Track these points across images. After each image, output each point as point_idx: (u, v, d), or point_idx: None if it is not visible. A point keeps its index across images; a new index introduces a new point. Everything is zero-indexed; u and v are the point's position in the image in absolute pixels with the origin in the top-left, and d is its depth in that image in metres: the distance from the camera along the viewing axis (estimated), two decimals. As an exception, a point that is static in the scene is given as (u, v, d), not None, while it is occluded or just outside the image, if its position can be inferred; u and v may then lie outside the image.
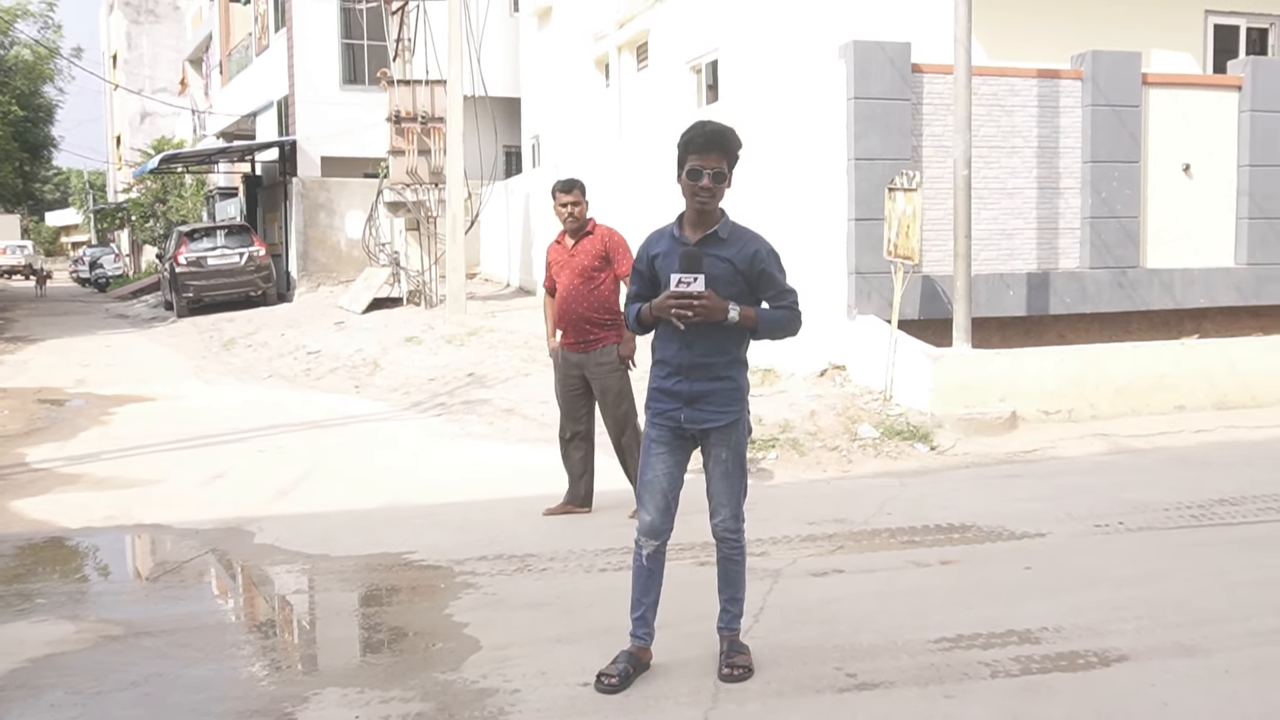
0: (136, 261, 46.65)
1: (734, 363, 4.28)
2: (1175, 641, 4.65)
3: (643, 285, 4.36)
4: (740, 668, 4.34)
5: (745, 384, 4.35)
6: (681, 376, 4.24)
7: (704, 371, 4.22)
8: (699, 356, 4.21)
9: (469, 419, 10.90)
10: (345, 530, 6.87)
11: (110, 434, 10.60)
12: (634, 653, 4.37)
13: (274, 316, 20.79)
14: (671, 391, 4.26)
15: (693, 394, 4.23)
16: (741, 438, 4.33)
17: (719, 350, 4.23)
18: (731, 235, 4.26)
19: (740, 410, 4.31)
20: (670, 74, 15.36)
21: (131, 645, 4.87)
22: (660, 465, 4.30)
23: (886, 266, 10.04)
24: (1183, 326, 11.66)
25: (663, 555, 4.38)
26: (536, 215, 19.99)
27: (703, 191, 4.16)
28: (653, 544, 4.34)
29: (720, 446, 4.28)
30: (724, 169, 4.17)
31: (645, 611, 4.38)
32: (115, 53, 50.01)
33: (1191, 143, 11.38)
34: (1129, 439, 9.07)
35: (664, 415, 4.29)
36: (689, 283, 4.05)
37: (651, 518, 4.32)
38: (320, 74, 24.59)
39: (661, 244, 4.32)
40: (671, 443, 4.31)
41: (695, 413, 4.24)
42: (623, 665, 4.31)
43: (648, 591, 4.38)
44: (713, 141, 4.16)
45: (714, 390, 4.24)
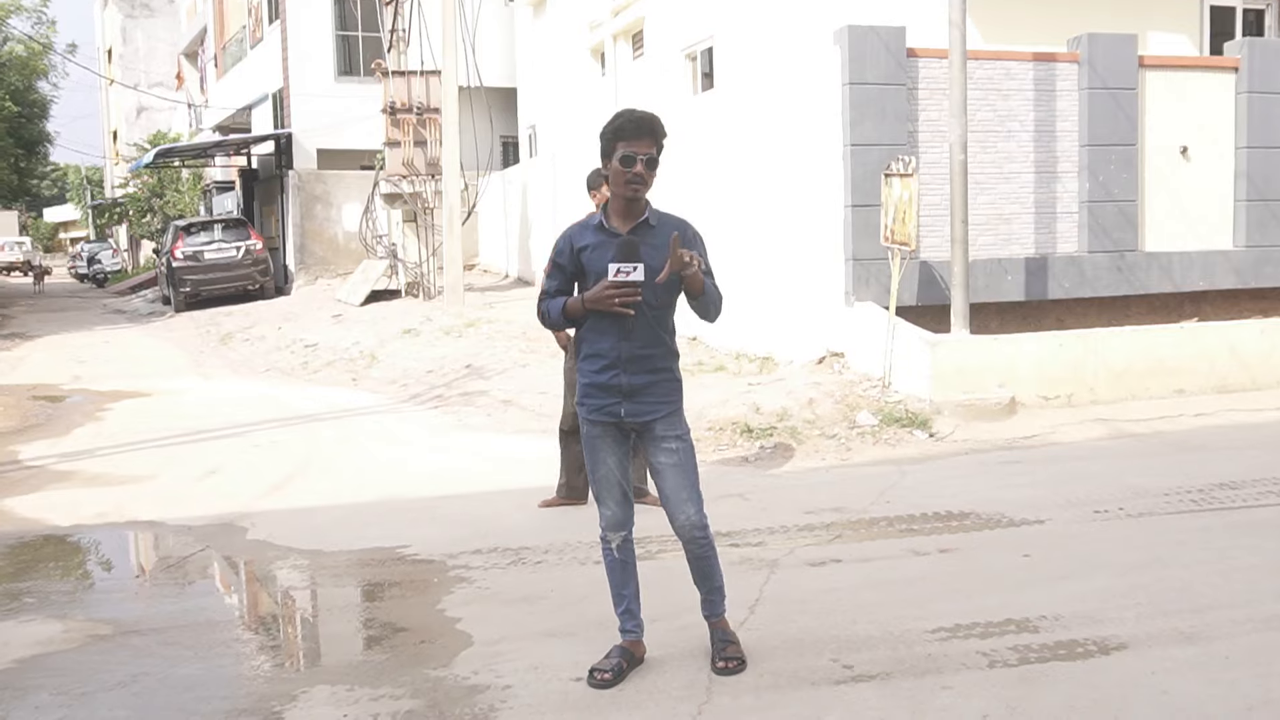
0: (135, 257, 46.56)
1: (669, 353, 4.24)
2: (1175, 628, 4.60)
3: (564, 280, 4.25)
4: (734, 659, 4.29)
5: (681, 377, 4.32)
6: (619, 369, 4.15)
7: (643, 364, 4.16)
8: (638, 348, 4.14)
9: (466, 410, 10.85)
10: (339, 525, 6.81)
11: (105, 430, 10.55)
12: (627, 647, 4.33)
13: (271, 310, 20.74)
14: (608, 386, 4.18)
15: (632, 387, 4.16)
16: (686, 426, 4.29)
17: (657, 341, 4.18)
18: (660, 223, 4.19)
19: (680, 400, 4.27)
20: (666, 62, 15.27)
21: (120, 644, 4.82)
22: (610, 459, 4.25)
23: (884, 253, 9.97)
24: (1182, 310, 11.59)
25: (632, 545, 4.35)
26: (534, 206, 19.92)
27: (636, 179, 4.08)
28: (619, 535, 4.30)
29: (668, 437, 4.20)
30: (654, 154, 4.11)
31: (629, 604, 4.34)
32: (110, 47, 49.82)
33: (1189, 125, 11.29)
34: (1128, 423, 9.00)
35: (602, 411, 4.21)
36: (629, 272, 4.01)
37: (612, 511, 4.28)
38: (315, 66, 24.47)
39: (588, 236, 4.21)
40: (615, 436, 4.25)
41: (636, 406, 4.17)
42: (616, 660, 4.25)
43: (626, 584, 4.33)
44: (643, 127, 4.09)
45: (654, 382, 4.19)
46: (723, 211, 12.34)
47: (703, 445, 8.65)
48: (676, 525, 4.26)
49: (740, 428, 8.82)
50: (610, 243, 4.12)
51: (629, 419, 4.19)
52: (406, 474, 8.25)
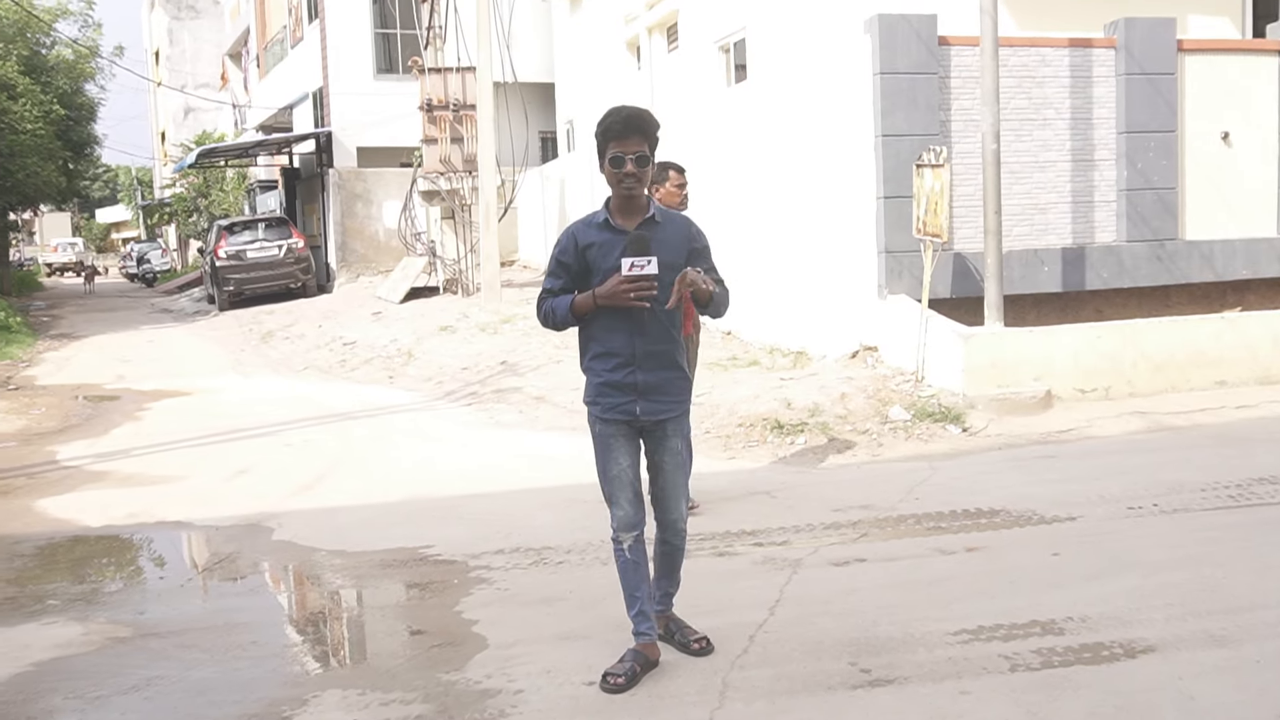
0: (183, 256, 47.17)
1: (680, 350, 4.28)
2: (1205, 631, 4.47)
3: (569, 279, 4.21)
4: (704, 638, 4.43)
5: (689, 371, 4.43)
6: (634, 366, 4.16)
7: (657, 360, 4.18)
8: (652, 344, 4.16)
9: (499, 408, 10.84)
10: (364, 525, 6.82)
11: (143, 430, 10.65)
12: (640, 649, 4.27)
13: (313, 308, 20.90)
14: (623, 384, 4.17)
15: (647, 385, 4.18)
16: (690, 427, 4.42)
17: (668, 337, 4.20)
18: (665, 219, 4.23)
19: (689, 399, 4.37)
20: (699, 54, 15.16)
21: (137, 647, 4.84)
22: (623, 458, 4.25)
23: (916, 245, 9.83)
24: (1224, 299, 11.32)
25: (644, 545, 4.31)
26: (572, 200, 19.88)
27: (628, 178, 4.07)
28: (631, 535, 4.26)
29: (674, 437, 4.28)
30: (645, 152, 4.07)
31: (642, 605, 4.29)
32: (158, 49, 50.47)
33: (1230, 110, 11.02)
34: (1168, 416, 8.82)
35: (617, 409, 4.20)
36: (642, 266, 3.99)
37: (625, 511, 4.25)
38: (353, 64, 24.60)
39: (593, 234, 4.18)
40: (628, 434, 4.25)
41: (651, 404, 4.20)
42: (629, 664, 4.20)
43: (639, 585, 4.29)
44: (631, 125, 4.06)
45: (668, 380, 4.23)
46: (755, 204, 12.25)
47: (732, 442, 8.60)
48: (665, 521, 4.38)
49: (770, 424, 8.73)
50: (617, 240, 4.09)
51: (644, 417, 4.19)
52: (435, 473, 8.25)
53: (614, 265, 4.05)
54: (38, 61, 30.00)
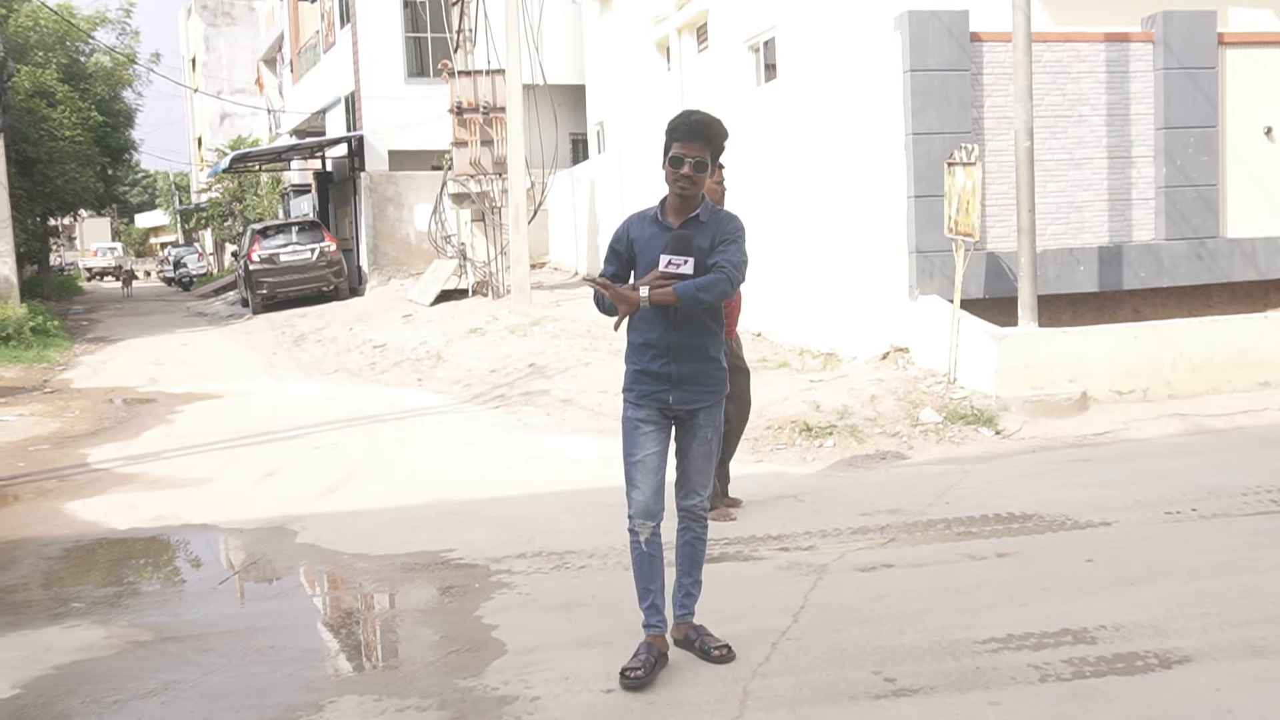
0: (219, 260, 47.56)
1: (717, 342, 4.34)
2: (1244, 640, 4.33)
3: (620, 266, 4.37)
4: (725, 646, 4.35)
5: (726, 365, 4.41)
6: (669, 358, 4.25)
7: (691, 353, 4.26)
8: (686, 338, 4.24)
9: (526, 410, 10.79)
10: (387, 528, 6.78)
11: (174, 433, 10.69)
12: (653, 642, 4.30)
13: (345, 311, 20.96)
14: (658, 374, 4.27)
15: (680, 375, 4.26)
16: (722, 418, 4.44)
17: (704, 330, 4.27)
18: (711, 219, 4.29)
19: (724, 390, 4.39)
20: (729, 54, 15.07)
21: (157, 651, 4.81)
22: (651, 444, 4.30)
23: (948, 244, 9.68)
24: (1268, 299, 11.09)
25: (659, 538, 4.34)
26: (603, 202, 19.83)
27: (683, 179, 4.19)
28: (649, 526, 4.30)
29: (706, 427, 4.34)
30: (705, 158, 4.19)
31: (654, 599, 4.33)
32: (194, 56, 50.96)
33: (1273, 104, 10.79)
34: (1208, 419, 8.63)
35: (650, 397, 4.29)
36: (679, 264, 4.14)
37: (645, 497, 4.28)
38: (385, 68, 24.68)
39: (645, 228, 4.33)
40: (659, 423, 4.31)
41: (684, 394, 4.27)
42: (644, 657, 4.25)
43: (653, 578, 4.33)
44: (696, 131, 4.18)
45: (702, 371, 4.29)
46: (785, 205, 12.13)
47: (760, 444, 8.49)
48: (685, 505, 4.41)
49: (799, 426, 8.62)
50: (662, 235, 4.24)
51: (677, 406, 4.28)
52: (460, 475, 8.20)
53: (655, 259, 4.21)
54: (76, 69, 30.36)
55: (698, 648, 4.39)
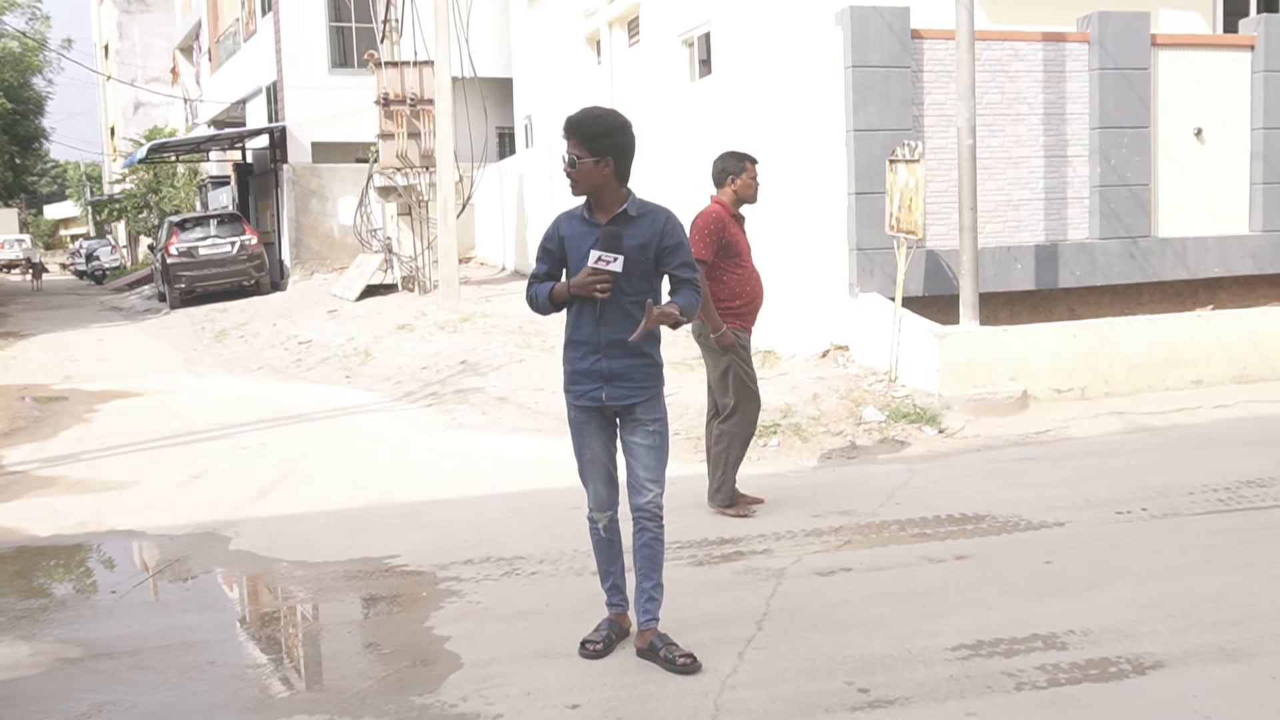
0: (133, 253, 46.26)
1: (649, 337, 4.29)
2: (1214, 644, 4.30)
3: (552, 264, 4.40)
4: (690, 655, 4.25)
5: (660, 358, 4.39)
6: (600, 355, 4.28)
7: (620, 348, 4.26)
8: (615, 333, 4.25)
9: (461, 409, 10.55)
10: (326, 532, 6.53)
11: (92, 432, 10.26)
12: (614, 619, 4.50)
13: (267, 306, 20.45)
14: (590, 371, 4.31)
15: (611, 371, 4.28)
16: (664, 411, 4.40)
17: (632, 327, 4.22)
18: (640, 214, 4.30)
19: (659, 384, 4.38)
20: (662, 48, 14.92)
21: (88, 669, 4.53)
22: (595, 443, 4.40)
23: (889, 242, 9.66)
24: (1197, 297, 11.26)
25: (618, 525, 4.50)
26: (531, 197, 19.59)
27: (568, 176, 4.24)
28: (606, 515, 4.46)
29: (647, 422, 4.33)
30: (581, 154, 4.19)
31: (615, 580, 4.52)
32: (107, 43, 49.45)
33: (1203, 106, 10.95)
34: (1145, 416, 8.70)
35: (585, 396, 4.34)
36: (609, 261, 4.15)
37: (599, 491, 4.44)
38: (308, 58, 24.13)
39: (573, 226, 4.35)
40: (599, 420, 4.38)
41: (616, 389, 4.29)
42: (605, 632, 4.43)
43: (613, 561, 4.52)
44: (569, 127, 4.24)
45: (633, 366, 4.28)
46: (723, 201, 12.02)
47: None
48: (636, 504, 4.35)
49: (744, 425, 8.50)
50: (590, 233, 4.26)
51: (610, 402, 4.30)
52: (398, 477, 7.95)
53: (585, 256, 4.22)
54: (-19, 53, 29.29)
55: (662, 658, 4.25)
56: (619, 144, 4.21)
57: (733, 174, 6.52)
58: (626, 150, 4.24)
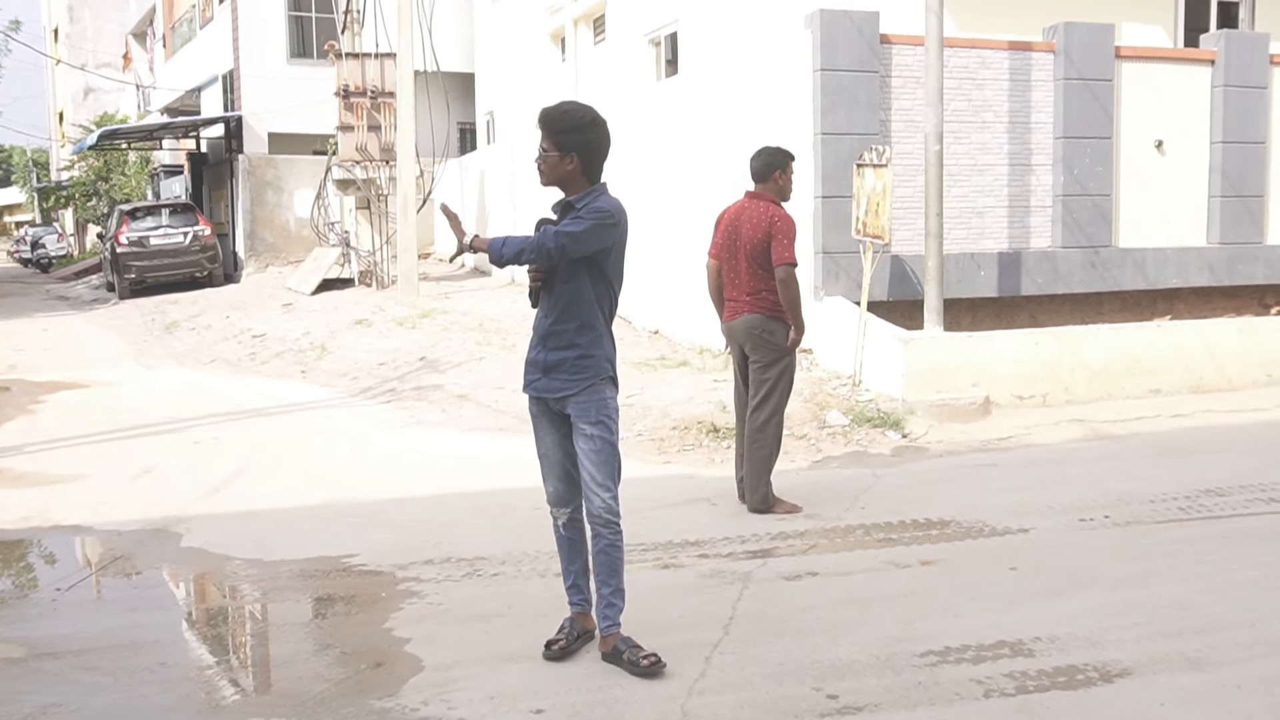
0: (81, 241, 45.43)
1: (583, 329, 4.22)
2: (1179, 652, 4.29)
3: None
4: (654, 656, 4.18)
5: (599, 353, 4.24)
6: (540, 345, 4.29)
7: (556, 339, 4.24)
8: (552, 324, 4.25)
9: (420, 406, 10.41)
10: (282, 530, 6.38)
11: (37, 424, 10.00)
12: (575, 618, 4.43)
13: (219, 298, 20.10)
14: (533, 361, 4.33)
15: (547, 363, 4.26)
16: (606, 412, 4.25)
17: (566, 316, 4.22)
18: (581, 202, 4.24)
19: (591, 379, 4.22)
20: (628, 47, 14.86)
21: (32, 669, 4.37)
22: (548, 437, 4.37)
23: (855, 246, 9.65)
24: (1155, 307, 11.37)
25: (580, 522, 4.41)
26: (492, 193, 19.44)
27: (537, 165, 4.29)
28: (564, 512, 4.41)
29: (583, 421, 4.22)
30: (548, 147, 4.21)
31: (576, 579, 4.46)
32: (56, 26, 48.54)
33: (1164, 118, 11.05)
34: (1105, 424, 8.74)
35: (531, 385, 4.34)
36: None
37: (554, 487, 4.40)
38: (266, 47, 23.79)
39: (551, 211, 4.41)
40: (549, 414, 4.34)
41: (549, 381, 4.26)
42: (567, 630, 4.38)
43: (573, 559, 4.45)
44: (541, 121, 4.29)
45: (564, 359, 4.23)
46: (685, 203, 11.97)
47: (666, 445, 8.31)
48: (587, 508, 4.31)
49: (706, 427, 8.46)
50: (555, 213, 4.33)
51: (543, 394, 4.29)
52: (355, 475, 7.81)
53: None
54: (-73, 33, 28.58)
55: (626, 660, 4.18)
56: (587, 141, 4.20)
57: (779, 169, 6.51)
58: (595, 147, 4.21)
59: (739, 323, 6.40)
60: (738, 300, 6.43)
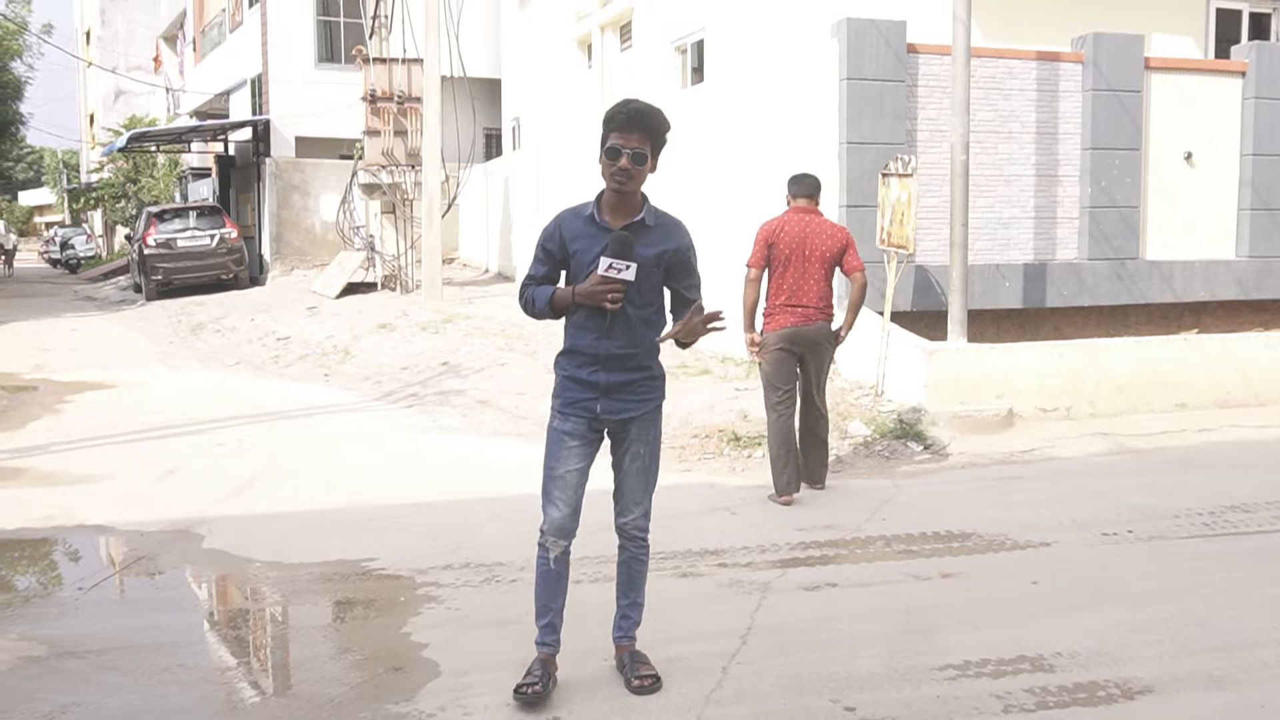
0: (109, 242, 45.82)
1: (652, 350, 4.05)
2: (1203, 670, 4.25)
3: (552, 267, 4.05)
4: (650, 677, 4.08)
5: (664, 373, 4.13)
6: (598, 366, 3.97)
7: (623, 362, 3.98)
8: (618, 348, 3.96)
9: (442, 411, 10.44)
10: (302, 533, 6.40)
11: (63, 424, 10.07)
12: (544, 660, 4.08)
13: (245, 300, 20.22)
14: (586, 381, 4.00)
15: (610, 384, 3.98)
16: (659, 430, 4.13)
17: (638, 341, 3.98)
18: (657, 223, 3.99)
19: (659, 399, 4.11)
20: (654, 54, 14.86)
21: (53, 669, 4.39)
22: (574, 460, 4.03)
23: (879, 256, 9.61)
24: (1182, 321, 11.28)
25: (569, 558, 4.13)
26: (516, 199, 19.50)
27: (620, 172, 3.86)
28: (561, 545, 4.07)
29: (638, 441, 4.06)
30: (645, 150, 3.86)
31: (553, 619, 4.11)
32: (89, 29, 49.03)
33: (1193, 130, 10.97)
34: (1130, 438, 8.68)
35: (578, 405, 4.01)
36: (620, 269, 3.84)
37: (562, 515, 4.04)
38: (295, 52, 23.94)
39: (578, 226, 3.99)
40: (585, 436, 4.04)
41: (613, 403, 3.99)
42: (540, 673, 4.02)
43: (555, 596, 4.11)
44: (635, 120, 3.85)
45: (633, 380, 4.01)
46: (709, 210, 11.97)
47: (688, 453, 8.30)
48: (622, 522, 4.13)
49: (727, 435, 8.44)
50: (601, 237, 3.92)
51: (605, 415, 4.00)
52: (376, 478, 7.83)
53: (591, 260, 3.90)
54: (-38, 36, 28.93)
55: (625, 674, 4.10)
56: (664, 144, 3.95)
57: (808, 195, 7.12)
58: None
59: (814, 329, 6.93)
60: (808, 308, 6.92)
